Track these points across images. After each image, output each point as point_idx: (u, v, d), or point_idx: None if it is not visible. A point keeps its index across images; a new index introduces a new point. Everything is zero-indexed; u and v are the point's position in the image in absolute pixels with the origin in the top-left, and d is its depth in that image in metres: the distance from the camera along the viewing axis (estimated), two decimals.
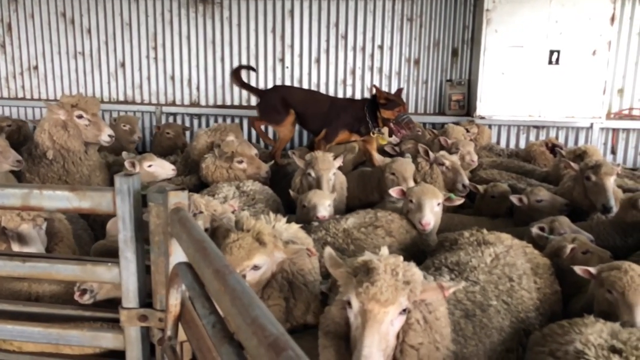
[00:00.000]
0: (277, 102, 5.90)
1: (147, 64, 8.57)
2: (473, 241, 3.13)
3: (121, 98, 8.74)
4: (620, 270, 2.63)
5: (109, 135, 4.82)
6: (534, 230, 3.55)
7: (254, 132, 8.54)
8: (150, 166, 4.71)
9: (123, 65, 8.62)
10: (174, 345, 2.14)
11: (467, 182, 4.65)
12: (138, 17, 8.42)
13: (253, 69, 7.52)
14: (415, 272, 2.10)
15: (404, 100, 6.93)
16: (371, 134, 5.62)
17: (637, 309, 2.53)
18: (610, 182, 4.22)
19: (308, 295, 2.82)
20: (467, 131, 6.74)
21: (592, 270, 2.80)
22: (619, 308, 2.60)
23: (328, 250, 2.29)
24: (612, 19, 7.05)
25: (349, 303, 2.04)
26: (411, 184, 4.41)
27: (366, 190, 4.96)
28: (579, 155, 5.08)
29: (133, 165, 4.63)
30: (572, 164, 4.45)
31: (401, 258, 2.14)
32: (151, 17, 8.41)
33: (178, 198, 2.18)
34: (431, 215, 3.60)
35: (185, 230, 1.93)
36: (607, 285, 2.65)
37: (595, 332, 2.21)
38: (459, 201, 3.85)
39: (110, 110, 8.61)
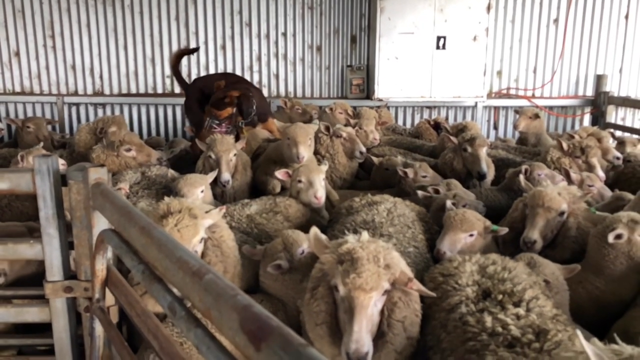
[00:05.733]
0: (195, 99, 5.69)
1: (44, 53, 8.27)
2: (365, 204, 3.61)
3: (17, 89, 8.38)
4: (453, 211, 3.32)
5: None
6: (420, 192, 4.08)
7: (134, 123, 8.52)
8: None
9: (17, 54, 8.26)
10: (103, 307, 2.37)
11: (363, 149, 5.09)
12: (32, 5, 8.09)
13: (195, 50, 6.86)
14: (394, 255, 2.27)
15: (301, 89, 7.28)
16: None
17: (445, 237, 3.21)
18: (483, 152, 4.87)
19: (233, 259, 3.03)
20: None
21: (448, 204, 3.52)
22: None
23: (314, 230, 2.42)
24: (488, 7, 7.88)
25: (336, 287, 2.22)
26: (302, 149, 4.49)
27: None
28: (461, 130, 5.75)
29: (22, 159, 4.49)
30: (452, 137, 5.08)
31: (380, 242, 2.30)
32: (46, 5, 8.12)
33: (98, 173, 2.40)
34: (322, 189, 3.88)
35: (109, 200, 2.17)
36: None
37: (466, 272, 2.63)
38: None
39: (6, 102, 8.29)
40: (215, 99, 5.29)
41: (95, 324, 2.34)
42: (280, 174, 4.07)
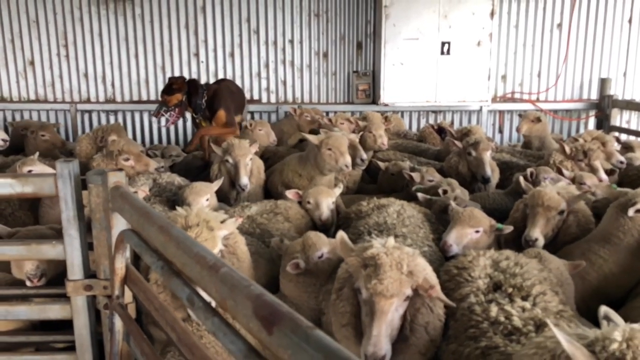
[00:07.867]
0: None
1: (58, 62, 8.50)
2: (373, 207, 3.70)
3: (32, 97, 8.60)
4: (461, 208, 3.44)
5: (2, 140, 4.89)
6: (420, 194, 4.20)
7: (138, 130, 8.73)
8: (30, 171, 4.41)
9: (32, 63, 8.48)
10: (122, 303, 2.50)
11: (364, 156, 5.08)
12: (46, 15, 8.32)
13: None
14: (418, 262, 2.31)
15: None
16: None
17: (452, 230, 3.31)
18: (487, 156, 4.97)
19: (248, 263, 3.10)
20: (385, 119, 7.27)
21: (452, 204, 3.62)
22: None
23: (341, 233, 2.49)
24: (492, 13, 8.00)
25: (359, 290, 2.29)
26: (347, 157, 4.57)
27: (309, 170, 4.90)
28: (465, 134, 5.85)
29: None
30: (456, 142, 5.18)
31: (406, 249, 2.35)
32: (60, 15, 8.34)
33: (117, 177, 2.53)
34: (328, 212, 4.00)
35: (128, 202, 2.30)
36: None
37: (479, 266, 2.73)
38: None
39: (22, 109, 8.50)
40: (165, 86, 5.79)
41: (115, 320, 2.47)
42: (290, 194, 4.17)
